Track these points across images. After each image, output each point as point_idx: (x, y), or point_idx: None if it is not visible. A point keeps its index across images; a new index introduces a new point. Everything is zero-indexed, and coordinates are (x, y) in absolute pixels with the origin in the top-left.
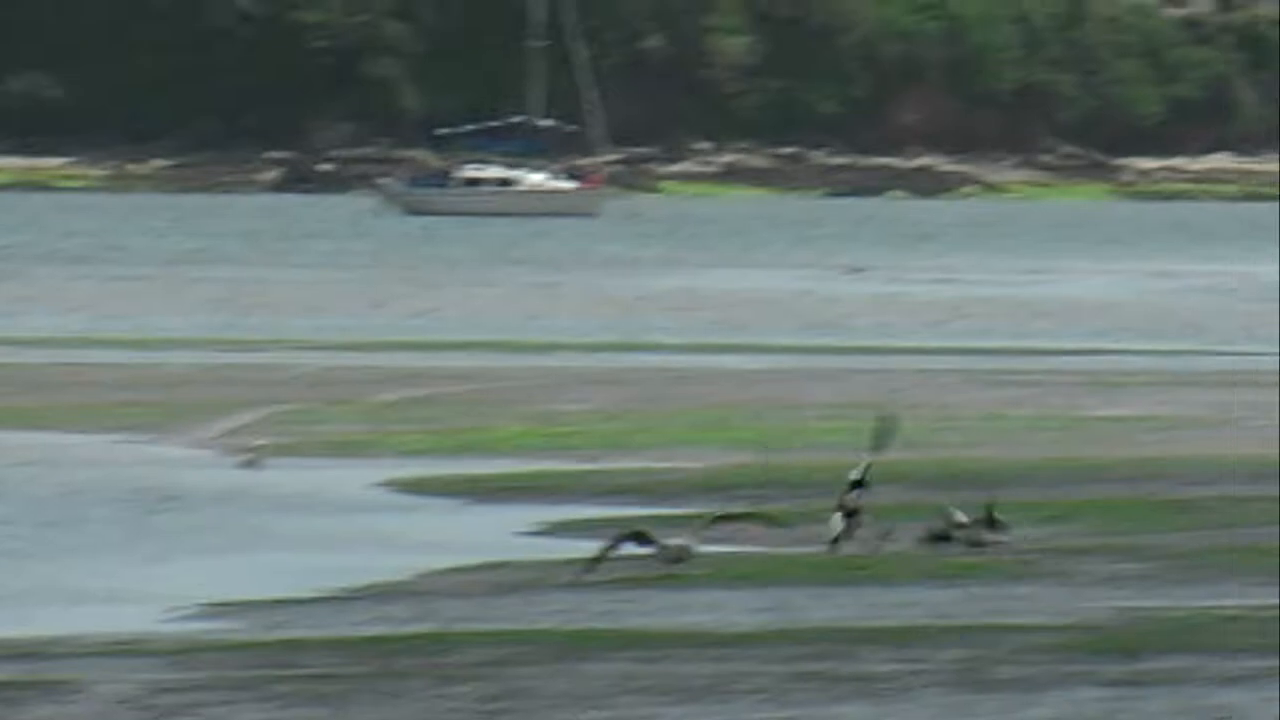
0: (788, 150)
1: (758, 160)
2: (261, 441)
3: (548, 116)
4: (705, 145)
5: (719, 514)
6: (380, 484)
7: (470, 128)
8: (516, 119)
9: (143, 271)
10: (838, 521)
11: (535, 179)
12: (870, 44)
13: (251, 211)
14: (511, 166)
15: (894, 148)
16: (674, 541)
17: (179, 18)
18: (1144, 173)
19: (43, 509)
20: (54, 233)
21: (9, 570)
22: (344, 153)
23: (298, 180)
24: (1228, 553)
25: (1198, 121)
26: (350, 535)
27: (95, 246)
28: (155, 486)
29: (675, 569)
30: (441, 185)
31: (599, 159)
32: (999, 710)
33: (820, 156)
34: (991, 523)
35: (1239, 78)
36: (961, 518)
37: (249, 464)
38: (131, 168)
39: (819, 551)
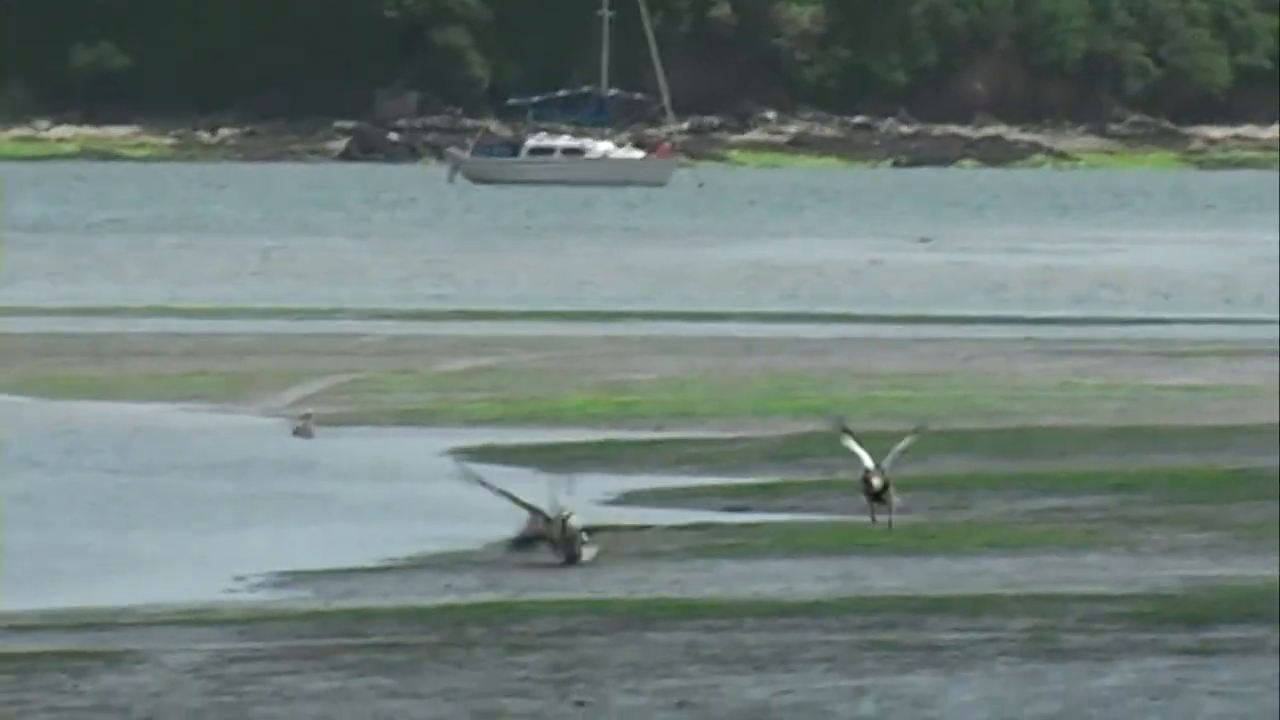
0: (856, 120)
1: (826, 130)
2: (309, 410)
3: (615, 86)
4: (773, 115)
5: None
6: (447, 453)
7: (538, 98)
8: (584, 88)
9: (211, 240)
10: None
11: (603, 148)
12: (938, 12)
13: (320, 180)
14: (579, 136)
15: (963, 117)
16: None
17: None
18: (1212, 141)
19: (112, 478)
20: (122, 201)
21: (77, 540)
22: (412, 122)
23: (366, 149)
24: None
25: (1267, 89)
26: (417, 504)
27: (163, 215)
28: (224, 456)
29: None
30: (510, 154)
31: (666, 128)
32: (1068, 679)
33: (889, 126)
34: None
35: None
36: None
37: (299, 432)
38: (199, 136)
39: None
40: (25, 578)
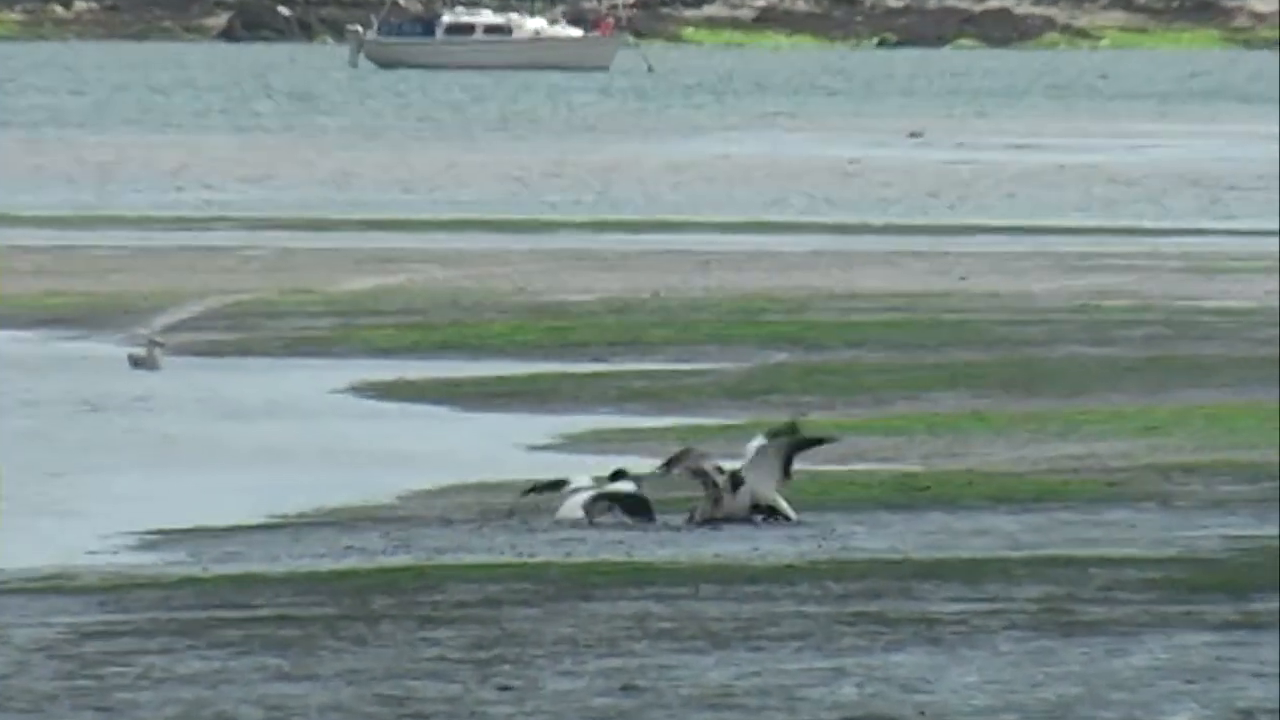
0: None
1: (798, 3)
2: (158, 338)
3: None
4: None
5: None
6: (348, 388)
7: None
8: None
9: (66, 134)
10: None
11: (533, 25)
12: None
13: (197, 63)
14: (505, 11)
15: None
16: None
17: None
18: (1260, 16)
19: None
20: None
21: None
22: None
23: (251, 26)
24: None
25: None
26: (314, 449)
27: (9, 103)
28: (85, 391)
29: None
30: (423, 34)
31: (609, 2)
32: (1086, 659)
33: None
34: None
35: None
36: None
37: (140, 363)
38: (52, 10)
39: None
40: None
